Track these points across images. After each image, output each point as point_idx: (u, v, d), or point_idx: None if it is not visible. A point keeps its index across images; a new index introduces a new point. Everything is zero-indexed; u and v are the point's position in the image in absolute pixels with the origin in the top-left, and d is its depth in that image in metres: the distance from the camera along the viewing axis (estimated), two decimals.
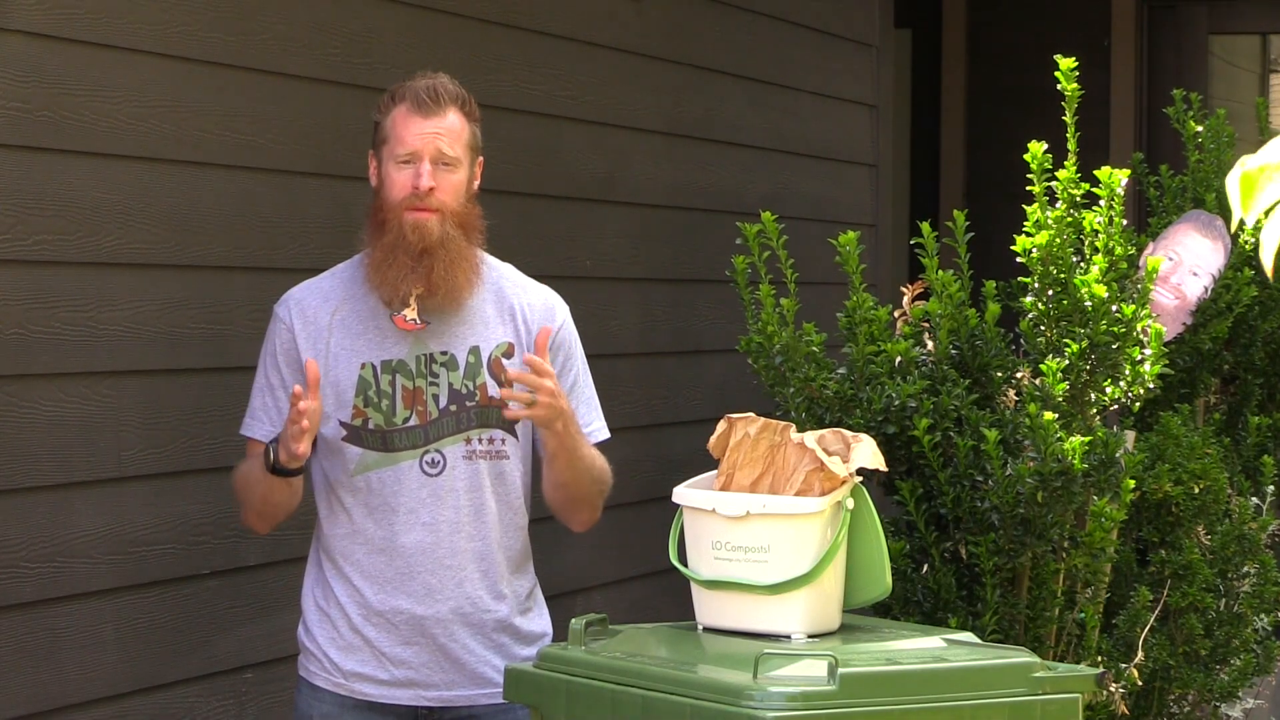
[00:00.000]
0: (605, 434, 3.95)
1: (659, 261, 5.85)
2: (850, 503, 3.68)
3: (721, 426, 3.77)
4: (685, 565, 3.73)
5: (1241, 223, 5.63)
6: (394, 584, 3.77)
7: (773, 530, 3.63)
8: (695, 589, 3.73)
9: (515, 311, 3.87)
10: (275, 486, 3.72)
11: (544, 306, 3.90)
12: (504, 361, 3.82)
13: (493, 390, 3.81)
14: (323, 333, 3.78)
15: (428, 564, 3.77)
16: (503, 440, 3.82)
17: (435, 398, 3.77)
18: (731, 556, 3.65)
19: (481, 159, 3.83)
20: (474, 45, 5.05)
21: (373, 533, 3.77)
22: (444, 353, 3.80)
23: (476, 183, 3.83)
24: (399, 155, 3.75)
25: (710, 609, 3.71)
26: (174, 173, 4.17)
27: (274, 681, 4.39)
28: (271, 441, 3.70)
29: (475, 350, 3.81)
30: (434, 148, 3.74)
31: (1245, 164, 2.24)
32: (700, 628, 3.72)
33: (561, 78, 5.43)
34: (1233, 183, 2.25)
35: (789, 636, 3.61)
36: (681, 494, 3.74)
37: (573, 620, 3.66)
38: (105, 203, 4.00)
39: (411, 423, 3.76)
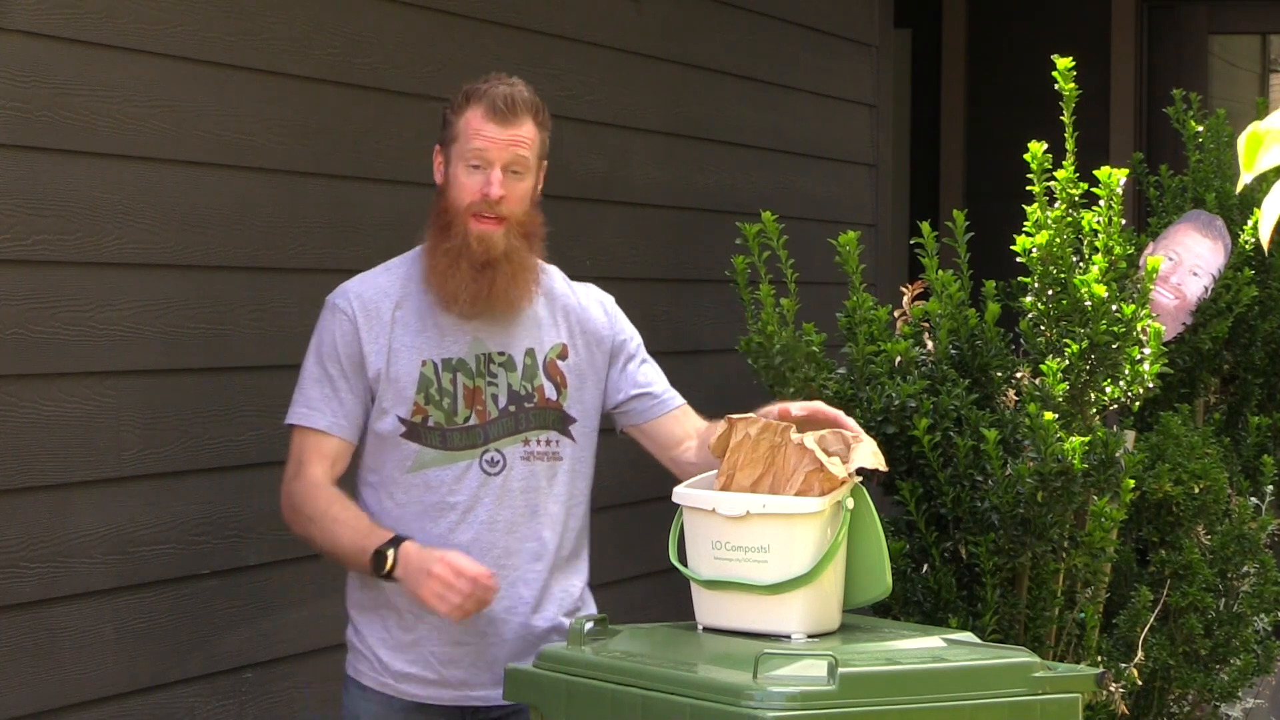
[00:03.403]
0: (681, 399, 4.02)
1: (659, 261, 5.84)
2: (850, 503, 3.68)
3: (722, 427, 3.77)
4: (685, 565, 3.73)
5: (1248, 228, 5.65)
6: None
7: (772, 530, 3.63)
8: (695, 589, 3.73)
9: (567, 313, 3.91)
10: (358, 568, 3.74)
11: (596, 303, 3.98)
12: (558, 363, 3.87)
13: (549, 392, 3.84)
14: (385, 327, 3.78)
15: (482, 562, 3.77)
16: (558, 442, 3.86)
17: (494, 398, 3.80)
18: (731, 556, 3.65)
19: (545, 163, 3.87)
20: (474, 45, 5.05)
21: (427, 530, 3.77)
22: (501, 353, 3.82)
23: (540, 187, 3.86)
24: (470, 159, 3.76)
25: (710, 609, 3.71)
26: (174, 173, 4.17)
27: (274, 681, 4.39)
28: (393, 545, 3.66)
29: (531, 352, 3.85)
30: (506, 156, 3.77)
31: (1255, 126, 2.34)
32: (700, 628, 3.72)
33: (561, 78, 5.43)
34: (1240, 141, 2.35)
35: (789, 636, 3.61)
36: (682, 494, 3.74)
37: (573, 620, 3.67)
38: (105, 203, 4.00)
39: (471, 422, 3.78)
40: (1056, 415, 4.46)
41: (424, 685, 3.78)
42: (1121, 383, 4.63)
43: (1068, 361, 4.55)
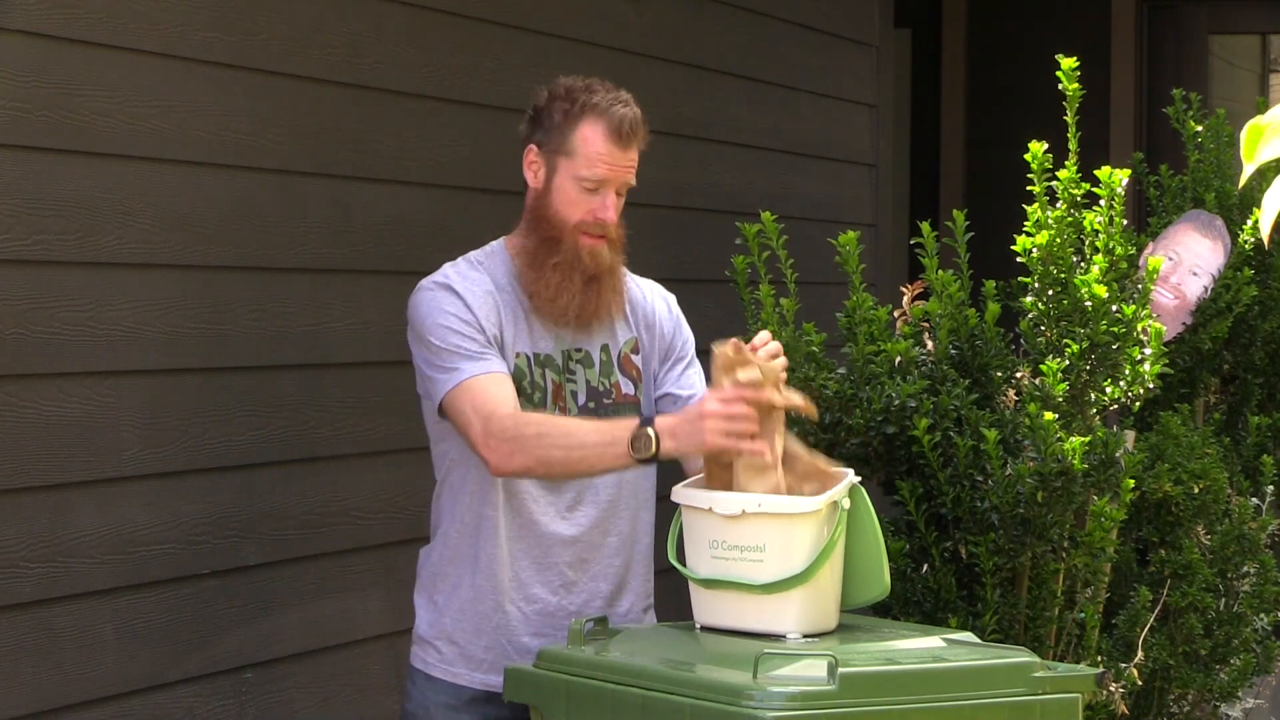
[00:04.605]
0: None
1: (659, 261, 5.84)
2: (846, 502, 3.68)
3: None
4: (684, 564, 3.73)
5: (1248, 227, 5.65)
6: (530, 573, 3.81)
7: (768, 529, 3.63)
8: (693, 588, 3.73)
9: (634, 308, 3.96)
10: (607, 460, 3.66)
11: (661, 299, 4.04)
12: (631, 357, 3.92)
13: (626, 387, 3.89)
14: (482, 310, 3.78)
15: (565, 556, 3.82)
16: None
17: (574, 394, 3.84)
18: (728, 556, 3.65)
19: None
20: (474, 45, 5.05)
21: (511, 522, 3.80)
22: (579, 350, 3.86)
23: None
24: (585, 178, 3.78)
25: (708, 608, 3.71)
26: (174, 173, 4.17)
27: (274, 681, 4.39)
28: (647, 425, 3.62)
29: (606, 349, 3.89)
30: (622, 180, 3.81)
31: (1257, 119, 2.36)
32: (698, 627, 3.72)
33: None
34: (1242, 135, 2.37)
35: (784, 636, 3.61)
36: (680, 493, 3.74)
37: (572, 620, 3.67)
38: (105, 203, 4.00)
39: None
40: (1056, 415, 4.46)
41: (496, 672, 3.78)
42: (1122, 383, 4.63)
43: (1068, 361, 4.55)
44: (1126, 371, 4.63)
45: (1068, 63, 4.67)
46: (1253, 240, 5.69)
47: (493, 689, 3.80)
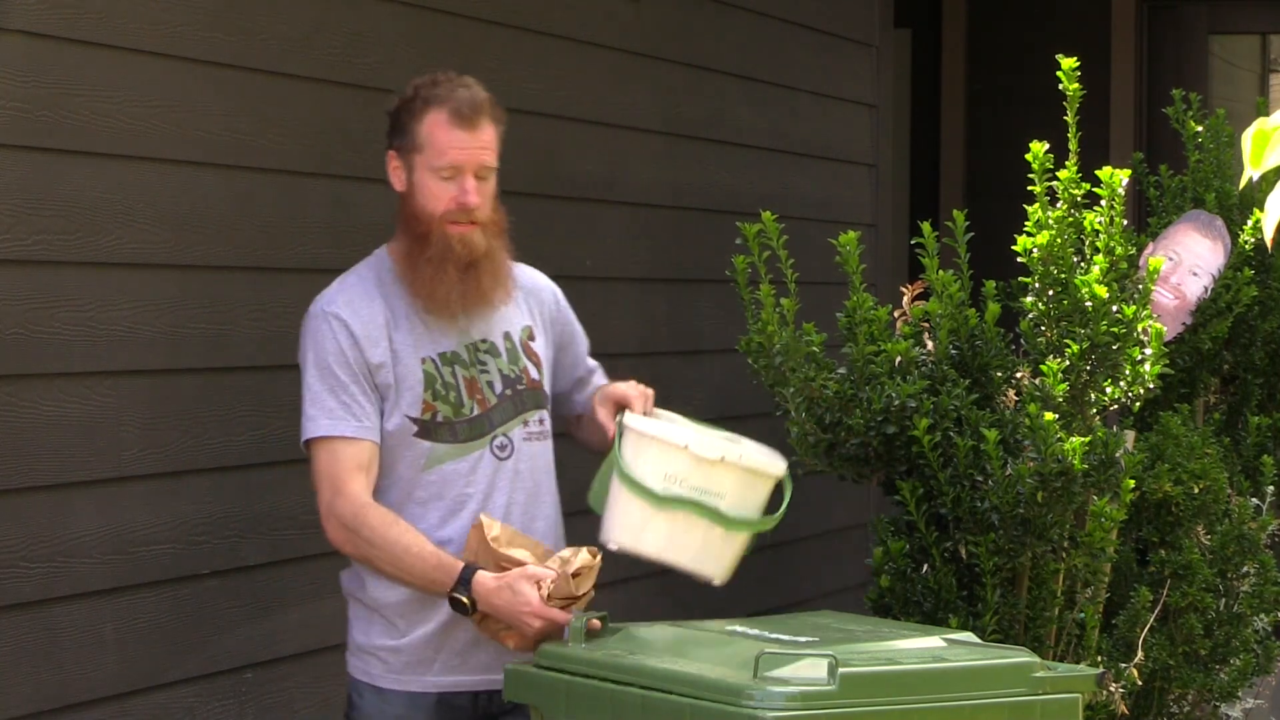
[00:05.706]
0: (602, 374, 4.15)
1: (659, 261, 5.84)
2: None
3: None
4: (606, 494, 3.84)
5: (1248, 228, 5.65)
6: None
7: (734, 479, 3.75)
8: (622, 502, 3.78)
9: (526, 296, 3.98)
10: (431, 597, 3.74)
11: (547, 287, 4.06)
12: (530, 343, 3.94)
13: (533, 373, 3.92)
14: (381, 330, 3.80)
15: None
16: (545, 420, 3.95)
17: (490, 384, 3.86)
18: (682, 492, 3.71)
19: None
20: (474, 45, 5.05)
21: (450, 526, 3.80)
22: (484, 340, 3.88)
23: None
24: (439, 168, 3.79)
25: (627, 525, 3.80)
26: (174, 173, 4.17)
27: (274, 681, 4.39)
28: (466, 576, 3.68)
29: (508, 335, 3.91)
30: (477, 162, 3.79)
31: (1262, 123, 2.33)
32: (611, 544, 3.80)
33: (561, 78, 5.43)
34: (1246, 139, 2.34)
35: (711, 579, 3.78)
36: (639, 420, 3.82)
37: (572, 620, 3.67)
38: (105, 203, 4.00)
39: (475, 412, 3.83)
40: (1056, 415, 4.46)
41: (448, 672, 3.79)
42: (1122, 383, 4.63)
43: (1068, 362, 4.55)
44: (1126, 371, 4.63)
45: (1068, 63, 4.67)
46: (1253, 240, 5.69)
47: (445, 688, 3.79)
